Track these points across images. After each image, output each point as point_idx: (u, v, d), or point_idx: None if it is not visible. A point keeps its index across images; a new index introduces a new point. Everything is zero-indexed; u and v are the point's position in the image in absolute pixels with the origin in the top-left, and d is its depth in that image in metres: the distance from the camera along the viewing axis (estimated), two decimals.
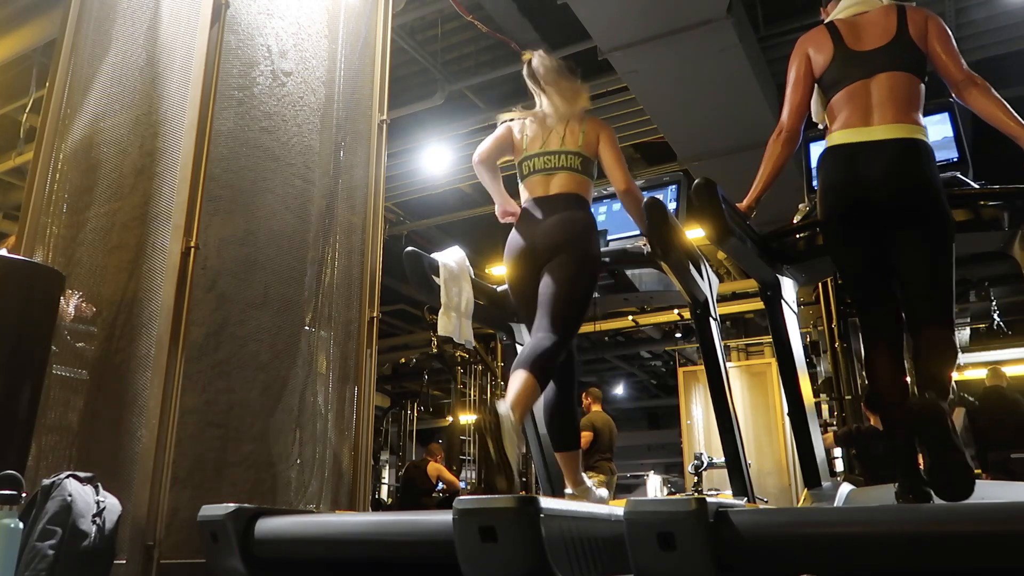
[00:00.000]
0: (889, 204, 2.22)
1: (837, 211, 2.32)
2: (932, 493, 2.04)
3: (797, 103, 2.49)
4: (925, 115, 2.46)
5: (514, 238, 2.76)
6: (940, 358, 2.14)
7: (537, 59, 2.80)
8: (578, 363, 2.83)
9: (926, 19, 2.39)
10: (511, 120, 2.90)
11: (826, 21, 2.53)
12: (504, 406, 2.23)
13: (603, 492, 2.76)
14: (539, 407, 3.17)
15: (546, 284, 2.63)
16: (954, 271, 2.24)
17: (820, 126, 2.58)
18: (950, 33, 2.41)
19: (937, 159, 2.99)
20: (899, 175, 2.21)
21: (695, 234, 3.32)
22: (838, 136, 2.34)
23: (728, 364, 4.48)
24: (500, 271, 8.94)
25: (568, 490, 2.58)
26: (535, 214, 2.71)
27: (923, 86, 2.36)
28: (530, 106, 2.90)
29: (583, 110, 2.85)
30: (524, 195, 2.81)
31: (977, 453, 6.22)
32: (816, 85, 2.50)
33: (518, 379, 2.38)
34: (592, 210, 2.81)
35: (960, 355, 10.41)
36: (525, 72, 2.83)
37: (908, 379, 2.30)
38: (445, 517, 1.51)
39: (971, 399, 6.64)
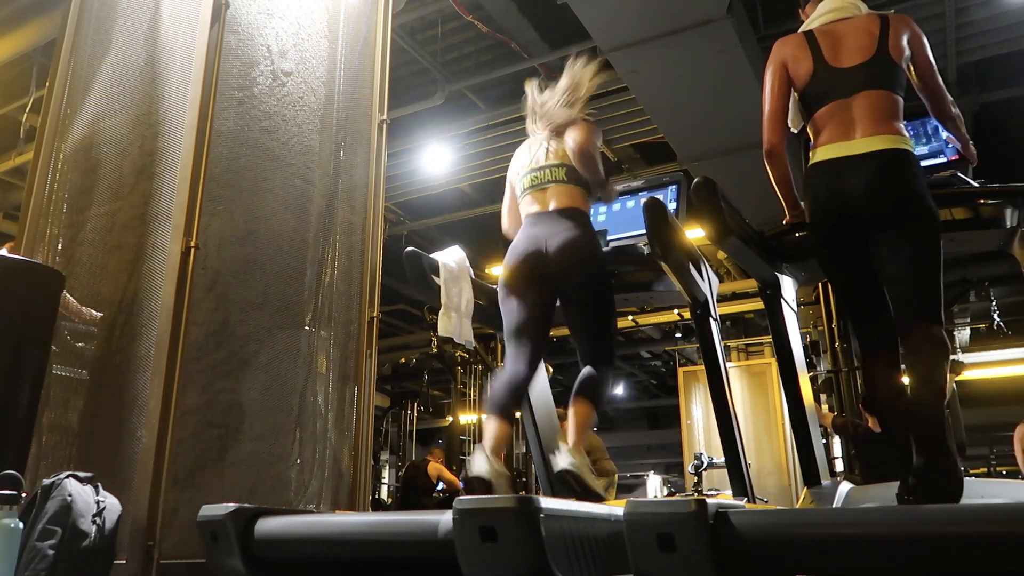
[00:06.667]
0: (873, 216, 2.25)
1: (825, 226, 2.36)
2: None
3: (774, 113, 2.52)
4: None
5: (513, 255, 2.74)
6: (929, 356, 2.14)
7: (531, 93, 2.86)
8: None
9: (906, 32, 2.41)
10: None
11: (803, 29, 2.54)
12: (572, 452, 2.39)
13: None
14: (544, 398, 3.19)
15: (574, 323, 2.72)
16: (941, 269, 2.23)
17: (794, 131, 2.60)
18: (926, 41, 2.44)
19: (937, 158, 2.99)
20: (881, 188, 2.24)
21: (695, 234, 3.32)
22: (822, 152, 2.37)
23: (728, 364, 4.48)
24: (500, 271, 8.95)
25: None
26: (535, 231, 2.70)
27: (902, 99, 2.39)
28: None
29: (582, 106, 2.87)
30: (523, 211, 2.81)
31: None
32: (797, 94, 2.52)
33: (580, 409, 2.51)
34: (591, 212, 2.83)
35: (960, 355, 10.40)
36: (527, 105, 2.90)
37: (905, 380, 2.29)
38: (445, 517, 1.51)
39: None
